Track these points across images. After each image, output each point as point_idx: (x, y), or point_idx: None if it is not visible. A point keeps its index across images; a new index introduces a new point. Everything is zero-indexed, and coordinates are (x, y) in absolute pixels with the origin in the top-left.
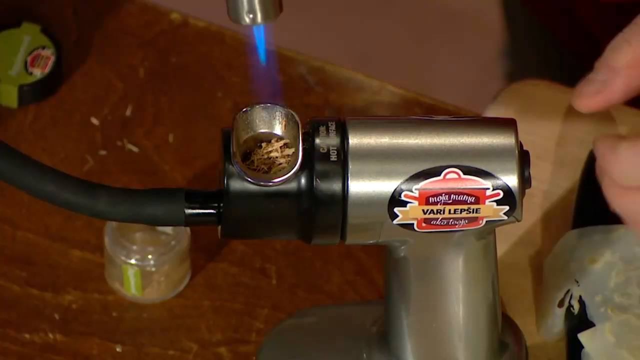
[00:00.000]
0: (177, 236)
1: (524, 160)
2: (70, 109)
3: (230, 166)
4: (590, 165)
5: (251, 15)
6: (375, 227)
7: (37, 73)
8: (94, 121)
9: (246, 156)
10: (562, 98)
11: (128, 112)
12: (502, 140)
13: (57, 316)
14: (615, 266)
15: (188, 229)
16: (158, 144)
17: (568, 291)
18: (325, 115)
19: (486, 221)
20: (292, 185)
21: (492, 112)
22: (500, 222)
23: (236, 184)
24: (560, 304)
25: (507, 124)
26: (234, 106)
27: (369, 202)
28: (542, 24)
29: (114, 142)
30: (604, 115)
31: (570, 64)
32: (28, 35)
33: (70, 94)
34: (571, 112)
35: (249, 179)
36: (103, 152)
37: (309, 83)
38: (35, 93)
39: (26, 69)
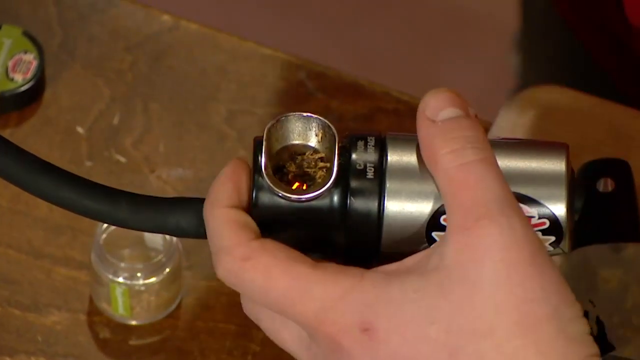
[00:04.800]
0: (168, 253)
1: (575, 188)
2: (54, 117)
3: (260, 178)
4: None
5: None
6: (412, 252)
7: (19, 79)
8: (80, 130)
9: (279, 169)
10: (576, 105)
11: (115, 121)
12: (551, 165)
13: (40, 338)
14: (630, 287)
15: (180, 245)
16: (148, 154)
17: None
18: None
19: None
20: (325, 202)
21: (503, 119)
22: None
23: (265, 198)
24: None
25: (558, 149)
26: (229, 113)
27: (406, 224)
28: (572, 35)
29: (101, 153)
30: (619, 123)
31: (591, 71)
32: (8, 38)
33: (54, 101)
34: (586, 120)
35: (279, 194)
36: (89, 163)
37: (309, 89)
38: (17, 100)
39: (7, 74)
